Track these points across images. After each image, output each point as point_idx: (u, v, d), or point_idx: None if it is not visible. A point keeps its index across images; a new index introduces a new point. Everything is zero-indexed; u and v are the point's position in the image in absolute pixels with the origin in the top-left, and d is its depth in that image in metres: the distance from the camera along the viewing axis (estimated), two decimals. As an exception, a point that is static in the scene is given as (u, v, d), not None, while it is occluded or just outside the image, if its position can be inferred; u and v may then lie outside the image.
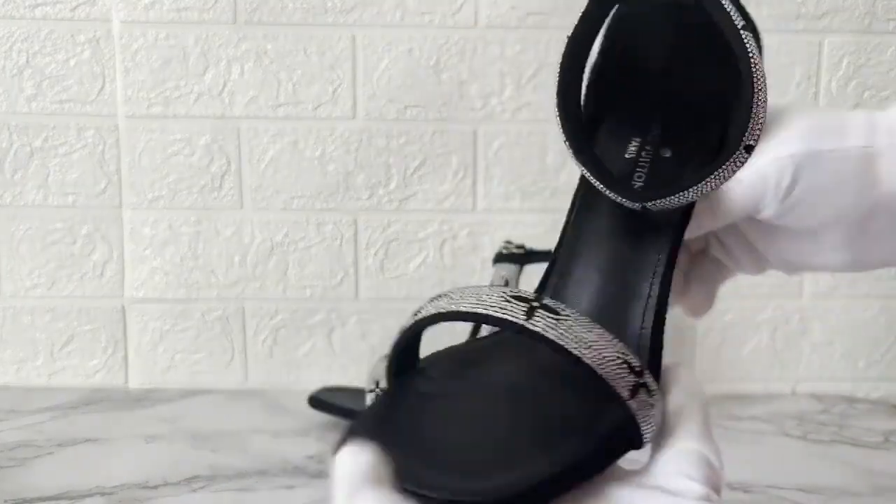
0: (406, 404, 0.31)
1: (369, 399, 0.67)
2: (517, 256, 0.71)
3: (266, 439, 0.68)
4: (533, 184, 0.80)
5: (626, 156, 0.39)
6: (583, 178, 0.37)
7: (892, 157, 0.36)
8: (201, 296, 0.81)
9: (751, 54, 0.33)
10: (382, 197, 0.80)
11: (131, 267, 0.81)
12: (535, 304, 0.28)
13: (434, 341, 0.35)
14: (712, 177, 0.33)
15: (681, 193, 0.33)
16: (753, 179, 0.36)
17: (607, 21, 0.37)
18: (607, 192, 0.34)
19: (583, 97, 0.37)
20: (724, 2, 0.34)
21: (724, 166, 0.33)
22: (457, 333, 0.78)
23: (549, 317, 0.28)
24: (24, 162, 0.79)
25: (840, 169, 0.36)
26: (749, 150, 0.33)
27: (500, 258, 0.70)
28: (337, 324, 0.81)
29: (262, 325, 0.81)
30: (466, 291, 0.30)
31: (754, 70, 0.33)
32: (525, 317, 0.28)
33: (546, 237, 0.80)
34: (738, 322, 0.82)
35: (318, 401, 0.71)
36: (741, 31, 0.33)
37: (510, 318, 0.28)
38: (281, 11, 0.77)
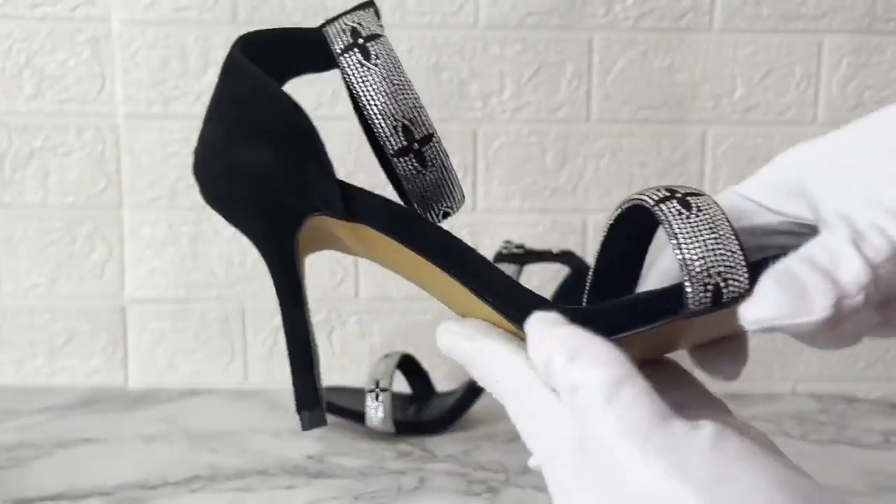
0: None
1: (369, 399, 0.67)
2: (517, 256, 0.71)
3: (266, 439, 0.68)
4: (533, 184, 0.80)
5: None
6: None
7: None
8: (201, 296, 0.81)
9: None
10: (382, 197, 0.80)
11: (131, 267, 0.80)
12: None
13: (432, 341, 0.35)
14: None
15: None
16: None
17: None
18: None
19: None
20: None
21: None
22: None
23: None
24: (23, 162, 0.79)
25: None
26: None
27: (499, 258, 0.70)
28: (337, 324, 0.81)
29: (261, 326, 0.81)
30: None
31: None
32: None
33: (546, 237, 0.80)
34: (737, 322, 0.82)
35: (318, 401, 0.70)
36: None
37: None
38: (280, 11, 0.77)
